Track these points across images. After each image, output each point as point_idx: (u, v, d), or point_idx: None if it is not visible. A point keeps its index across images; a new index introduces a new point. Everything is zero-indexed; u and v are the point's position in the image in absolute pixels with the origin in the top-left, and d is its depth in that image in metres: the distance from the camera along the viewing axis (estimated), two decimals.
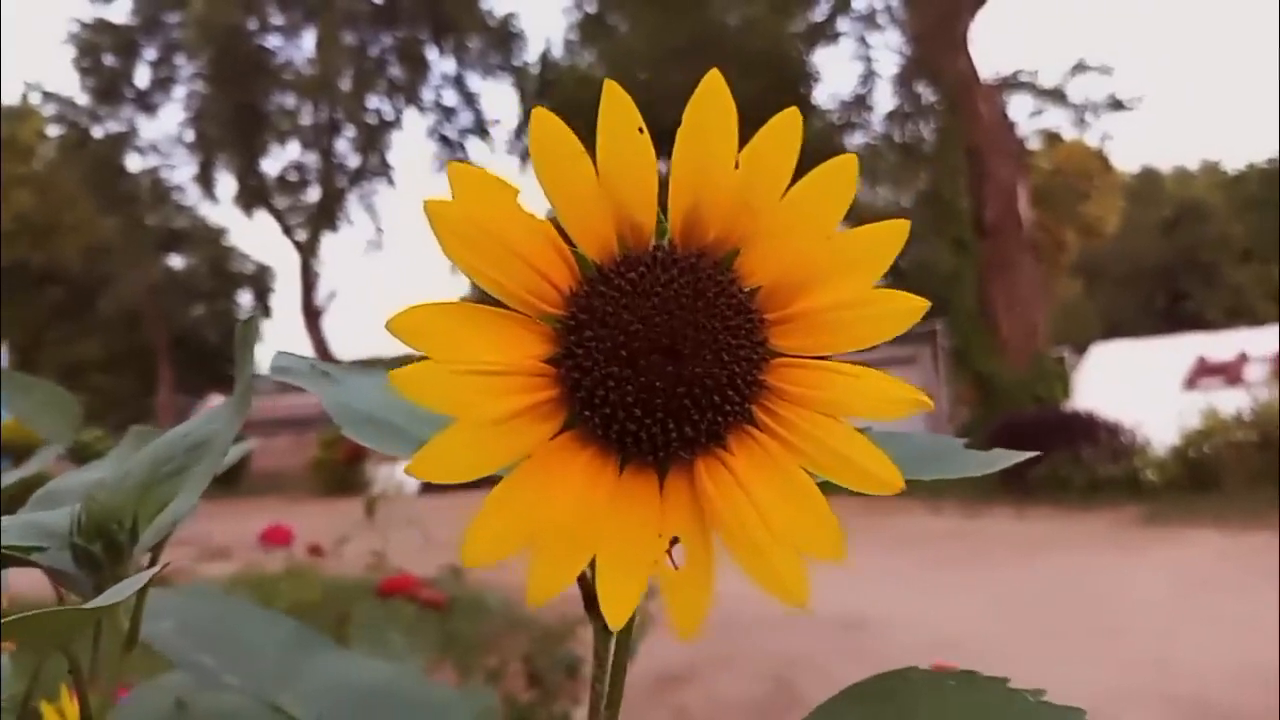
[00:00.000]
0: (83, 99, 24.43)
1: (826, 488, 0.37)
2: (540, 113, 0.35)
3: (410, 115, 26.08)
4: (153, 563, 0.57)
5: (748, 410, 0.37)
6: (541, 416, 0.35)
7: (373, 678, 0.68)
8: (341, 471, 15.20)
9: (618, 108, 0.35)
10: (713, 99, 0.36)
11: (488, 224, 0.35)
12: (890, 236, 0.37)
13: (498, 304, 0.36)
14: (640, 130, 0.35)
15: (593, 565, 0.35)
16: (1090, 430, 11.12)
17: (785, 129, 0.37)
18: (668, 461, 0.37)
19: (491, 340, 0.35)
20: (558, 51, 19.98)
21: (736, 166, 0.36)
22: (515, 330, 0.35)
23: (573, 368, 0.35)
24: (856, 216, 0.38)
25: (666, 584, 0.35)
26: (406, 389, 0.33)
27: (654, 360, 0.35)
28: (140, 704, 0.68)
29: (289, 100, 24.75)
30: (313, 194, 25.36)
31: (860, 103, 17.51)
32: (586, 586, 0.47)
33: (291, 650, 0.66)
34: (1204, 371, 13.78)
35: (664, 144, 0.34)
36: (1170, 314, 29.73)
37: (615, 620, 0.34)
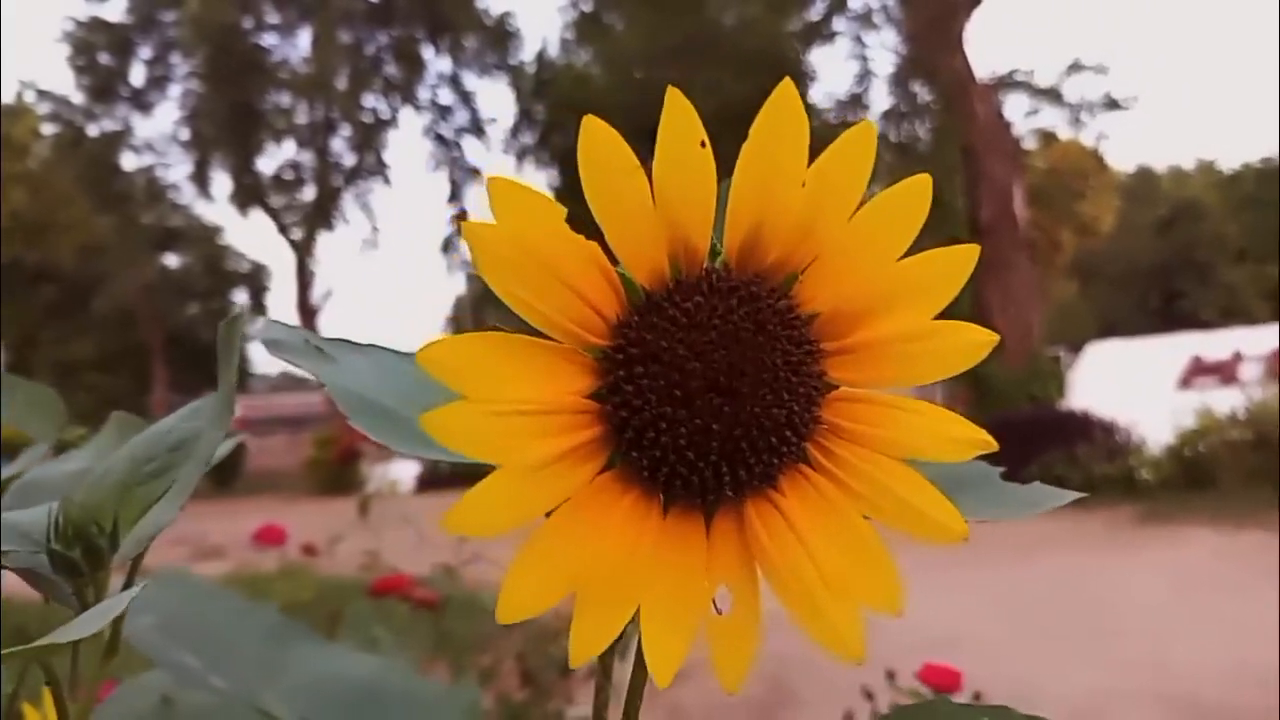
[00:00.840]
0: (78, 97, 24.35)
1: None
2: (591, 121, 0.32)
3: (406, 114, 26.09)
4: (134, 569, 0.56)
5: (803, 449, 0.34)
6: (584, 457, 0.32)
7: (358, 672, 0.67)
8: (336, 471, 15.17)
9: (680, 119, 0.32)
10: (785, 110, 0.33)
11: (533, 248, 0.32)
12: (961, 262, 0.35)
13: (532, 331, 0.33)
14: (703, 144, 0.33)
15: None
16: (1085, 429, 11.13)
17: (859, 144, 0.34)
18: (716, 504, 0.34)
19: (532, 376, 0.32)
20: (554, 50, 19.94)
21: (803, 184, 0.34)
22: (557, 363, 0.33)
23: (620, 405, 0.32)
24: None
25: (713, 633, 0.33)
26: (440, 434, 0.30)
27: (710, 400, 0.32)
28: (125, 702, 0.67)
29: (284, 99, 24.67)
30: (308, 193, 25.28)
31: (856, 102, 17.50)
32: None
33: (274, 643, 0.65)
34: (1199, 370, 13.82)
35: (653, 145, 0.32)
36: (1165, 313, 29.79)
37: (663, 678, 0.32)
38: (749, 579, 0.34)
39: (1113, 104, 18.03)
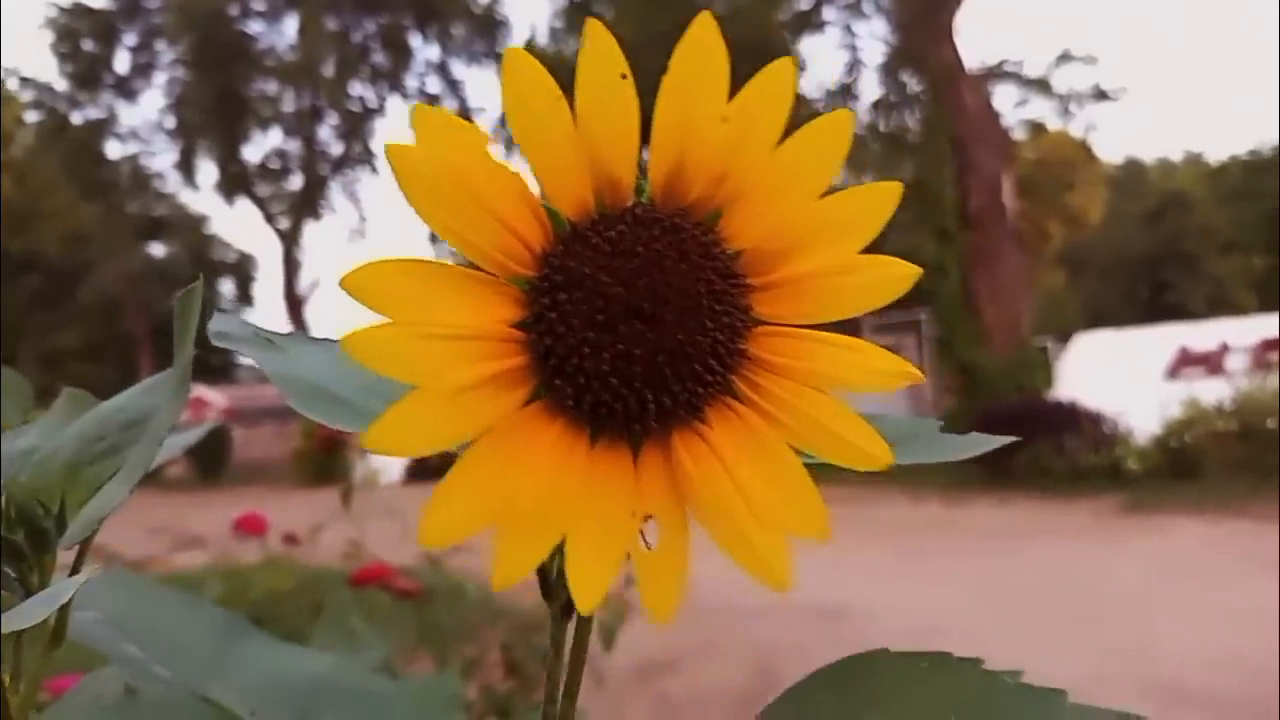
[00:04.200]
0: (61, 85, 24.20)
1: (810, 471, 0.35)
2: (514, 53, 0.32)
3: (394, 102, 25.92)
4: (82, 554, 0.53)
5: (728, 381, 0.34)
6: (508, 385, 0.32)
7: (310, 669, 0.66)
8: (323, 461, 15.10)
9: (601, 50, 0.32)
10: (703, 45, 0.33)
11: (455, 171, 0.32)
12: (882, 199, 0.35)
13: (465, 264, 0.33)
14: (624, 76, 0.32)
15: (559, 546, 0.33)
16: (1073, 419, 11.18)
17: (778, 80, 0.34)
18: (643, 435, 0.34)
19: (456, 302, 0.32)
20: (543, 39, 19.88)
21: (724, 121, 0.34)
22: (483, 292, 0.33)
23: (544, 332, 0.32)
24: None
25: (640, 566, 0.33)
26: (361, 354, 0.30)
27: (633, 326, 0.32)
28: (88, 693, 0.66)
29: (271, 87, 24.56)
30: (295, 182, 25.21)
31: (846, 92, 17.49)
32: (543, 570, 0.44)
33: (221, 640, 0.64)
34: (1186, 361, 13.89)
35: (648, 130, 0.32)
36: (1153, 304, 29.94)
37: (585, 604, 0.31)
38: (677, 511, 0.34)
39: (1101, 95, 18.07)
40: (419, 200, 0.31)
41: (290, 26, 23.90)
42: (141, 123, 25.29)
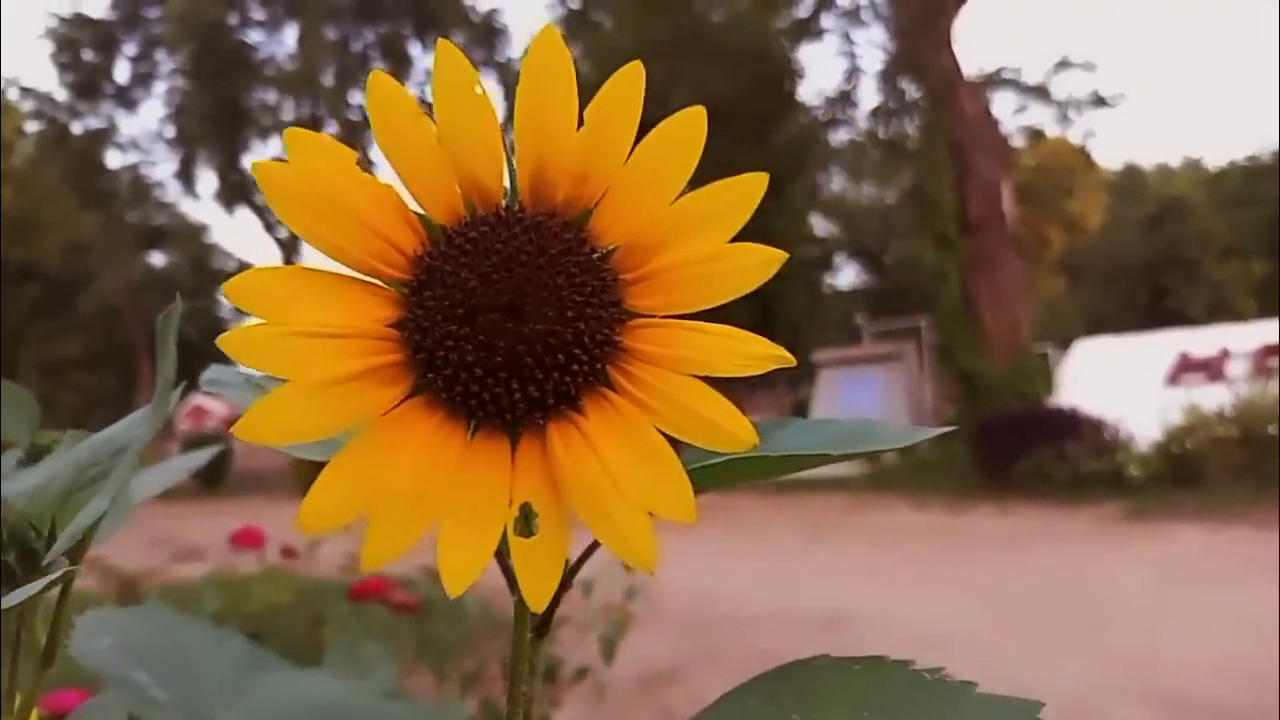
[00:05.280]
0: (62, 94, 24.26)
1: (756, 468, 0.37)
2: (377, 75, 0.34)
3: None
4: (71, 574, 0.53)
5: (601, 372, 0.36)
6: (384, 381, 0.34)
7: (325, 696, 0.66)
8: (320, 471, 15.09)
9: (452, 67, 0.34)
10: (548, 55, 0.35)
11: (324, 188, 0.34)
12: (744, 191, 0.35)
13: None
14: (479, 89, 0.35)
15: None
16: (1073, 426, 11.17)
17: (627, 85, 0.35)
18: (519, 427, 0.35)
19: (332, 304, 0.34)
20: None
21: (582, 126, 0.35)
22: (358, 294, 0.35)
23: (414, 329, 0.34)
24: (842, 213, 0.35)
25: (517, 553, 0.34)
26: (235, 350, 0.32)
27: (494, 318, 0.34)
28: (90, 717, 0.66)
29: (270, 96, 24.61)
30: None
31: (845, 99, 17.53)
32: (508, 569, 0.44)
33: (241, 670, 0.64)
34: (1186, 368, 13.86)
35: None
36: (1152, 310, 29.92)
37: (454, 586, 0.33)
38: (553, 499, 0.35)
39: (1100, 101, 18.13)
40: (286, 211, 0.34)
41: (290, 36, 23.99)
42: (141, 132, 25.38)
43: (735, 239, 0.36)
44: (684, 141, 0.36)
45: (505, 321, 0.34)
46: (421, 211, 0.36)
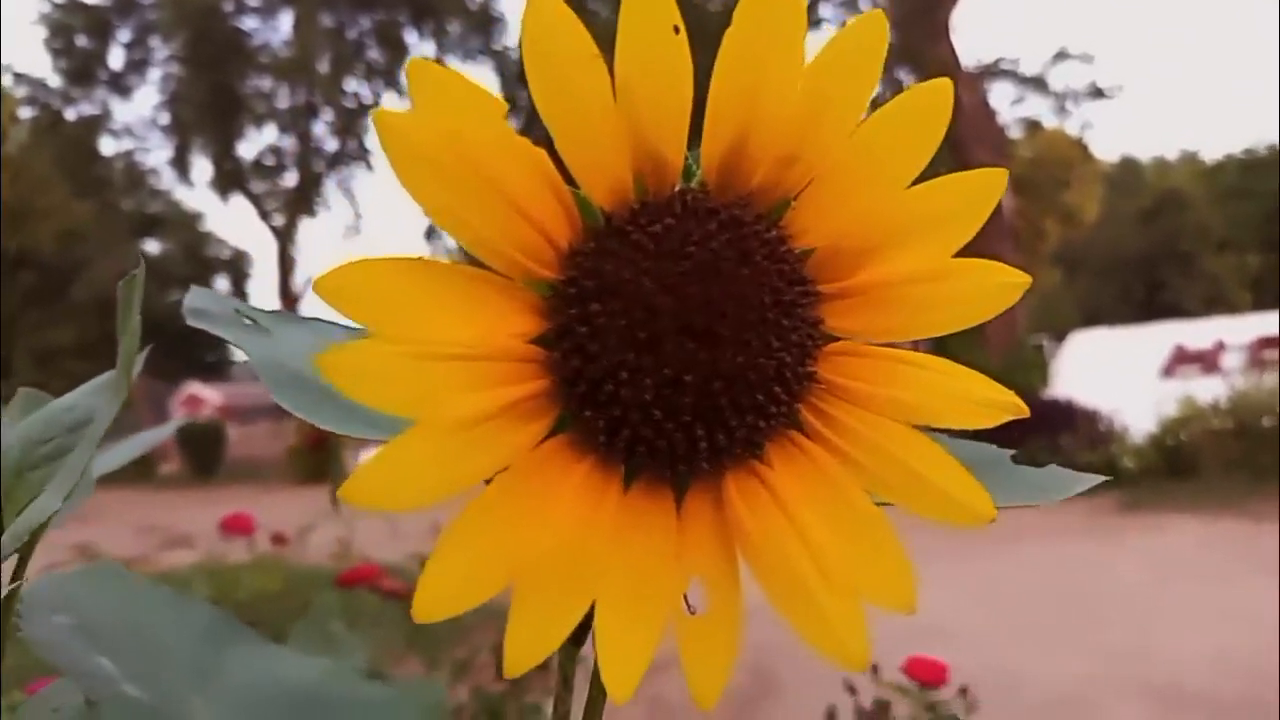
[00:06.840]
0: (55, 81, 24.11)
1: None
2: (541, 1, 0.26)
3: (389, 99, 25.87)
4: (22, 564, 0.50)
5: (794, 412, 0.28)
6: (526, 416, 0.26)
7: (301, 675, 0.63)
8: (318, 458, 15.06)
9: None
10: None
11: (461, 145, 0.25)
12: (986, 188, 0.29)
13: (471, 262, 0.26)
14: (677, 30, 0.26)
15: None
16: (1068, 418, 11.17)
17: (867, 38, 0.28)
18: (689, 477, 0.28)
19: (462, 312, 0.25)
20: None
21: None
22: (494, 298, 0.26)
23: (571, 351, 0.26)
24: None
25: (683, 634, 0.27)
26: (341, 379, 0.23)
27: (683, 345, 0.26)
28: (42, 706, 0.63)
29: (265, 83, 24.46)
30: (290, 178, 25.10)
31: None
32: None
33: (210, 644, 0.61)
34: (1181, 360, 13.88)
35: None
36: (1148, 303, 29.95)
37: (621, 690, 0.25)
38: (728, 568, 0.28)
39: (1098, 93, 18.10)
40: (413, 179, 0.25)
41: (285, 23, 23.80)
42: (136, 119, 25.22)
43: None
44: (927, 120, 0.28)
45: (698, 350, 0.26)
46: (577, 189, 0.27)
